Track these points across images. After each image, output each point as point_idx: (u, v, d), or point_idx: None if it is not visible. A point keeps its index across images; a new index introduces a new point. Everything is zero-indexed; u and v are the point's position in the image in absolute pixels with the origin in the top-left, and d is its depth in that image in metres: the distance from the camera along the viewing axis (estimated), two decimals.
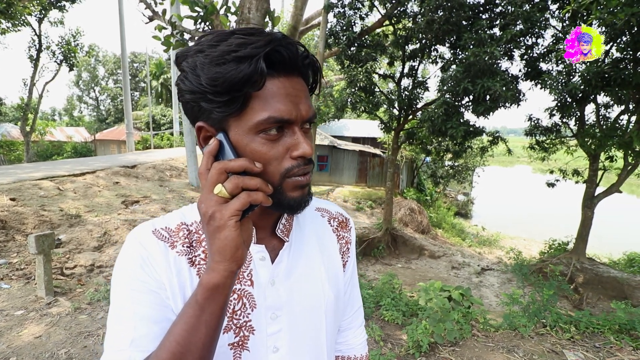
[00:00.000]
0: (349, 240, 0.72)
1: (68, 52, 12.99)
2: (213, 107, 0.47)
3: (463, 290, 3.59)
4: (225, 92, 0.45)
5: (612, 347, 2.46)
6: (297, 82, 0.50)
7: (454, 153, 8.18)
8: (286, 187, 0.51)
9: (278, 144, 0.49)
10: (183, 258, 0.54)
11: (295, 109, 0.49)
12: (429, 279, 6.82)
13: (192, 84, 0.47)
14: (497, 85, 5.53)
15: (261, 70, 0.45)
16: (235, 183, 0.43)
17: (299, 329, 0.60)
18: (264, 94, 0.47)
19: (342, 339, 0.79)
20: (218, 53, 0.45)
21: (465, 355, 2.45)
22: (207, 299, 0.44)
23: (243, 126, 0.48)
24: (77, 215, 5.20)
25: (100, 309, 3.16)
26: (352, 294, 0.76)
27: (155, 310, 0.50)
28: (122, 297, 0.50)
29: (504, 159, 28.37)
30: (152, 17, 3.63)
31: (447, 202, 14.90)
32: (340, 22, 7.09)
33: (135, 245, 0.53)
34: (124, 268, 0.52)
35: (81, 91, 42.14)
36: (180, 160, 10.61)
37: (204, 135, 0.51)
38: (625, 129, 5.95)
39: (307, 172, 0.52)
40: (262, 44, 0.45)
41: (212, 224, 0.43)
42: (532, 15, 5.64)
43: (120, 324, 0.49)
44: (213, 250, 0.44)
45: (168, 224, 0.57)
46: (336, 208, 0.74)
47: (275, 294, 0.58)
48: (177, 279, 0.53)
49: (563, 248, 7.95)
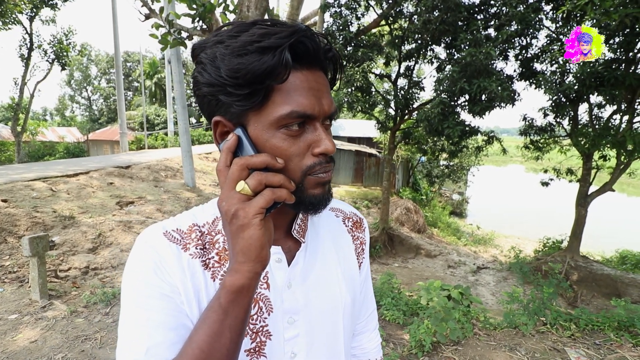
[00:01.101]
0: (364, 240, 0.71)
1: (60, 51, 12.79)
2: (233, 100, 0.45)
3: (462, 289, 3.60)
4: (247, 84, 0.43)
5: (613, 344, 2.48)
6: (320, 75, 0.49)
7: (450, 153, 8.23)
8: (307, 184, 0.49)
9: (299, 140, 0.47)
10: (196, 261, 0.52)
11: (318, 103, 0.47)
12: (425, 278, 6.85)
13: (210, 76, 0.45)
14: (493, 85, 5.57)
15: (286, 62, 0.43)
16: (258, 179, 0.42)
17: (316, 334, 0.58)
18: (286, 87, 0.45)
19: (357, 343, 0.77)
20: (240, 44, 0.43)
21: (468, 354, 2.45)
22: (232, 302, 0.42)
23: (263, 121, 0.46)
24: (70, 216, 5.11)
25: (97, 312, 3.11)
26: (366, 296, 0.74)
27: (170, 316, 0.48)
28: (134, 303, 0.48)
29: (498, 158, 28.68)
30: (149, 15, 3.58)
31: (442, 202, 14.99)
32: (337, 21, 7.09)
33: (146, 249, 0.50)
34: (135, 273, 0.49)
35: (73, 91, 41.56)
36: (175, 161, 10.51)
37: (220, 130, 0.49)
38: (618, 128, 6.03)
39: (329, 170, 0.50)
40: (287, 35, 0.43)
41: (235, 222, 0.41)
42: (527, 16, 5.69)
43: (134, 331, 0.46)
44: (236, 250, 0.42)
45: (179, 226, 0.54)
46: (350, 208, 0.73)
47: (292, 298, 0.56)
48: (192, 283, 0.50)
49: (557, 246, 8.05)
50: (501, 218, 15.02)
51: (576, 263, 6.63)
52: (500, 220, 14.29)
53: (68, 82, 40.80)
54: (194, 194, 7.97)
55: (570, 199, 7.06)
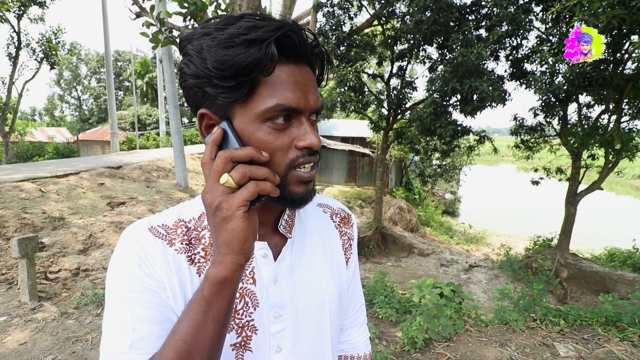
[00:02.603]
0: (352, 236, 0.71)
1: (49, 50, 12.58)
2: (218, 92, 0.45)
3: (454, 286, 3.64)
4: (233, 76, 0.43)
5: (600, 338, 2.54)
6: (306, 71, 0.49)
7: (442, 152, 8.30)
8: (290, 180, 0.49)
9: (284, 134, 0.47)
10: (182, 256, 0.52)
11: (304, 98, 0.47)
12: (418, 276, 6.89)
13: (197, 68, 0.45)
14: (484, 85, 5.64)
15: (272, 55, 0.43)
16: (242, 172, 0.42)
17: (302, 328, 0.59)
18: (272, 80, 0.45)
19: (345, 337, 0.77)
20: (226, 36, 0.43)
21: (460, 350, 2.48)
22: (215, 293, 0.42)
23: (249, 114, 0.46)
24: (60, 217, 5.04)
25: (88, 313, 3.07)
26: (354, 291, 0.75)
27: (155, 311, 0.48)
28: (119, 297, 0.47)
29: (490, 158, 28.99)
30: (140, 13, 3.55)
31: (435, 201, 15.10)
32: (330, 21, 7.10)
33: (131, 244, 0.50)
34: (120, 267, 0.49)
35: (63, 90, 40.89)
36: (167, 161, 10.42)
37: (206, 123, 0.49)
38: (606, 127, 6.14)
39: (312, 164, 0.50)
40: (274, 28, 0.43)
41: (218, 214, 0.42)
42: (517, 17, 5.77)
43: (118, 325, 0.46)
44: (220, 242, 0.42)
45: (165, 221, 0.54)
46: (338, 204, 0.73)
47: (278, 292, 0.56)
48: (177, 278, 0.50)
49: (547, 244, 8.17)
50: (493, 217, 15.19)
51: (566, 260, 6.74)
52: (492, 219, 14.45)
53: (57, 82, 40.14)
54: (186, 194, 7.91)
55: (560, 198, 7.17)
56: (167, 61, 8.17)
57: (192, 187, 8.76)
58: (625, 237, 9.20)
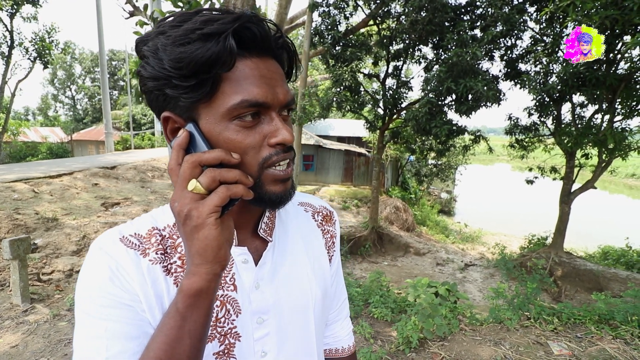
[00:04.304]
0: (334, 234, 0.70)
1: (42, 49, 12.45)
2: (179, 93, 0.43)
3: (449, 285, 3.66)
4: (192, 74, 0.41)
5: (593, 336, 2.56)
6: (272, 64, 0.47)
7: (438, 151, 8.33)
8: (265, 179, 0.47)
9: (254, 132, 0.45)
10: (157, 266, 0.49)
11: (271, 92, 0.45)
12: (414, 275, 6.91)
13: (154, 69, 0.42)
14: (479, 85, 5.67)
15: (230, 48, 0.41)
16: (211, 176, 0.39)
17: (287, 331, 0.57)
18: (235, 75, 0.43)
19: (330, 332, 0.78)
20: (181, 32, 0.41)
21: (454, 349, 2.49)
22: (190, 306, 0.40)
23: (214, 113, 0.43)
24: (53, 218, 4.99)
25: None
26: (337, 287, 0.75)
27: (129, 326, 0.45)
28: (90, 314, 0.45)
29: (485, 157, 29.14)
30: (133, 12, 3.52)
31: (430, 200, 15.16)
32: (325, 21, 7.10)
33: (101, 256, 0.47)
34: (90, 281, 0.46)
35: (56, 90, 40.51)
36: (162, 161, 10.36)
37: (171, 127, 0.46)
38: (599, 127, 6.20)
39: (287, 160, 0.48)
40: (230, 20, 0.41)
41: (188, 223, 0.39)
42: (511, 17, 5.81)
43: (90, 343, 0.43)
44: (192, 252, 0.40)
45: (137, 230, 0.51)
46: (319, 202, 0.71)
47: (261, 298, 0.55)
48: (153, 290, 0.48)
49: (542, 243, 8.23)
50: (488, 216, 15.29)
51: (560, 259, 6.79)
52: (487, 218, 14.54)
53: (51, 81, 39.77)
54: None
55: (554, 197, 7.23)
56: None
57: None
58: (618, 235, 9.29)
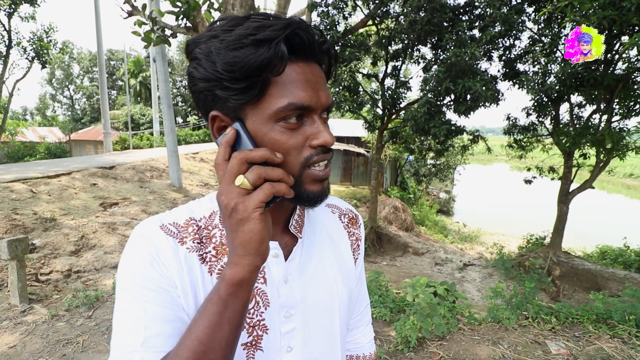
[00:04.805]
0: (359, 237, 0.72)
1: (40, 48, 12.40)
2: (229, 94, 0.45)
3: (448, 285, 3.66)
4: (243, 77, 0.43)
5: (591, 336, 2.57)
6: (315, 68, 0.49)
7: (437, 151, 8.34)
8: (305, 179, 0.49)
9: (297, 133, 0.47)
10: (194, 254, 0.52)
11: (315, 95, 0.47)
12: (413, 275, 6.92)
13: (206, 71, 0.45)
14: (478, 85, 5.67)
15: (282, 54, 0.43)
16: (257, 173, 0.42)
17: (312, 328, 0.59)
18: (282, 80, 0.45)
19: (351, 337, 0.78)
20: (235, 37, 0.43)
21: (453, 349, 2.49)
22: (231, 294, 0.43)
23: (261, 114, 0.46)
24: (52, 218, 4.97)
25: (80, 316, 3.04)
26: (360, 291, 0.75)
27: (166, 309, 0.47)
28: (130, 295, 0.47)
29: (483, 157, 29.19)
30: (131, 12, 3.51)
31: (429, 200, 15.18)
32: (324, 21, 7.09)
33: (143, 241, 0.50)
34: (131, 265, 0.49)
35: (54, 90, 40.36)
36: (161, 161, 10.34)
37: (218, 125, 0.49)
38: (597, 127, 6.22)
39: (326, 161, 0.50)
40: (282, 27, 0.43)
41: (234, 216, 0.42)
42: (510, 18, 5.82)
43: (130, 323, 0.46)
44: (236, 243, 0.42)
45: (176, 220, 0.54)
46: (346, 204, 0.73)
47: (289, 292, 0.56)
48: (189, 277, 0.50)
49: (540, 242, 8.25)
50: (487, 215, 15.31)
51: (558, 259, 6.81)
52: (485, 218, 14.56)
53: (49, 81, 39.62)
54: (180, 194, 7.86)
55: (553, 197, 7.25)
56: (160, 60, 8.10)
57: (186, 187, 8.71)
58: (616, 235, 9.32)
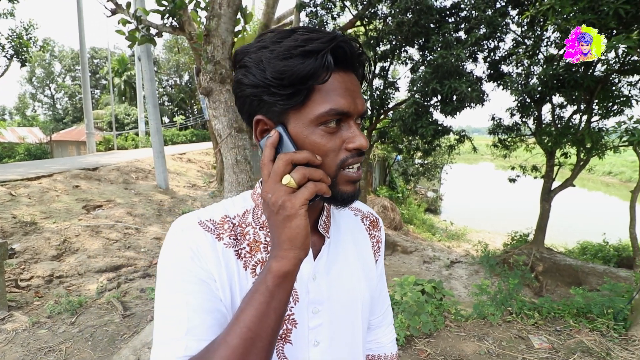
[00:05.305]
0: (380, 239, 0.75)
1: (19, 46, 11.99)
2: (276, 100, 0.49)
3: (435, 283, 3.71)
4: (290, 85, 0.47)
5: (572, 329, 2.65)
6: (353, 77, 0.53)
7: (424, 151, 8.44)
8: (340, 180, 0.53)
9: (335, 137, 0.51)
10: (230, 250, 0.55)
11: (353, 102, 0.51)
12: (402, 273, 6.99)
13: (256, 78, 0.49)
14: (463, 86, 5.77)
15: (328, 64, 0.47)
16: (303, 173, 0.46)
17: (337, 324, 0.62)
18: (325, 87, 0.49)
19: (373, 337, 0.81)
20: (284, 48, 0.47)
21: (440, 345, 2.54)
22: (277, 286, 0.45)
23: (303, 119, 0.50)
24: (32, 222, 4.83)
25: (62, 322, 2.96)
26: (381, 291, 0.79)
27: (207, 301, 0.51)
28: (173, 287, 0.50)
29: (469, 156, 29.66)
30: (115, 10, 3.44)
31: (417, 199, 15.36)
32: (313, 21, 7.09)
33: (183, 236, 0.53)
34: (172, 259, 0.52)
35: (35, 89, 39.15)
36: (146, 162, 10.15)
37: (261, 128, 0.53)
38: (578, 127, 6.41)
39: (359, 164, 0.54)
40: (328, 40, 0.47)
41: (282, 213, 0.45)
42: (494, 20, 5.94)
43: (173, 314, 0.49)
44: (283, 238, 0.46)
45: (212, 216, 0.57)
46: (367, 208, 0.77)
47: (317, 289, 0.60)
48: (226, 271, 0.53)
49: (524, 239, 8.45)
50: (473, 214, 15.59)
51: (541, 255, 6.99)
52: (472, 216, 14.83)
53: (29, 80, 38.39)
54: (167, 196, 7.74)
55: (536, 195, 7.44)
56: (145, 59, 7.95)
57: (173, 188, 8.58)
58: (596, 231, 9.63)
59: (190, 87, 31.32)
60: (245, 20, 3.20)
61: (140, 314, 3.17)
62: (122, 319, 3.05)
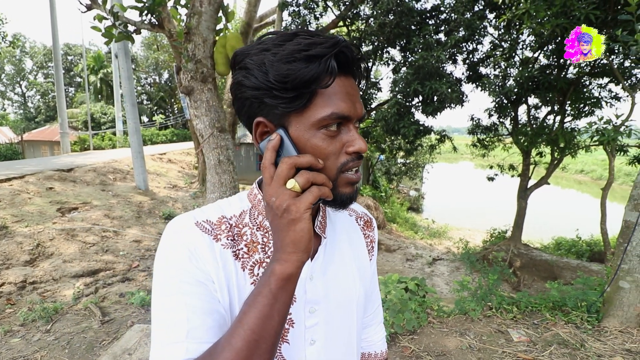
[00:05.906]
0: (373, 239, 0.77)
1: None
2: (278, 103, 0.49)
3: (418, 280, 3.78)
4: (293, 88, 0.47)
5: (548, 322, 2.75)
6: (352, 81, 0.54)
7: (406, 151, 8.59)
8: (340, 182, 0.53)
9: (336, 140, 0.51)
10: (228, 251, 0.55)
11: (353, 106, 0.51)
12: (386, 272, 7.09)
13: (257, 80, 0.48)
14: (444, 87, 5.90)
15: (332, 69, 0.47)
16: (307, 178, 0.46)
17: (333, 323, 0.63)
18: (327, 91, 0.49)
19: (364, 335, 0.82)
20: (287, 52, 0.47)
21: (423, 342, 2.59)
22: (280, 288, 0.45)
23: (305, 122, 0.50)
24: (3, 226, 4.60)
25: (37, 330, 2.83)
26: (373, 290, 0.80)
27: (206, 302, 0.50)
28: (170, 289, 0.49)
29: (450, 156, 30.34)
30: (90, 5, 3.31)
31: (400, 198, 15.59)
32: (295, 20, 7.08)
33: (180, 237, 0.52)
34: (169, 259, 0.51)
35: (4, 86, 37.23)
36: (124, 162, 9.85)
37: (261, 130, 0.53)
38: (552, 127, 6.67)
39: (358, 168, 0.55)
40: (331, 45, 0.47)
41: (286, 216, 0.45)
42: (473, 23, 6.10)
43: (172, 316, 0.48)
44: (287, 241, 0.46)
45: (208, 217, 0.56)
46: (361, 208, 0.78)
47: (314, 289, 0.60)
48: (224, 272, 0.53)
49: (502, 236, 8.73)
50: (454, 212, 15.97)
51: (519, 251, 7.24)
52: (453, 214, 15.18)
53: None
54: (146, 197, 7.53)
55: (513, 192, 7.69)
56: (123, 57, 7.71)
57: (153, 189, 8.36)
58: (570, 227, 10.05)
59: (170, 86, 30.60)
60: (227, 19, 3.15)
61: (120, 319, 3.08)
62: (101, 325, 2.95)
